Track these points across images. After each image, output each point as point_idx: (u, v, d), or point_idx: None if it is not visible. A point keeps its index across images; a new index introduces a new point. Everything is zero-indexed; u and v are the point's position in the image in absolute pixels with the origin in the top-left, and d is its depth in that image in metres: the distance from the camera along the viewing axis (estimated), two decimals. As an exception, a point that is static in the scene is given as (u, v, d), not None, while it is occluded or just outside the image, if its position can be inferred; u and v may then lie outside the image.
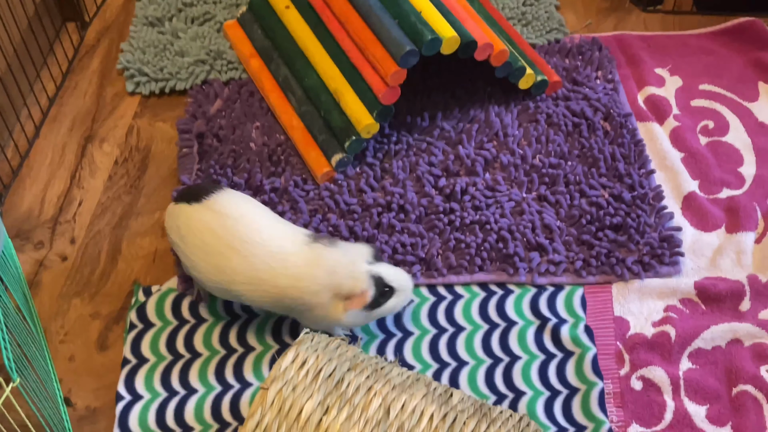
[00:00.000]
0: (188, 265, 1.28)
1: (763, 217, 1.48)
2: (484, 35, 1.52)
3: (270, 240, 1.24)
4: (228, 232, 1.23)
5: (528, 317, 1.37)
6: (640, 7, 1.91)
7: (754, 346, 1.31)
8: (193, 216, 1.26)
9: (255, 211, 1.28)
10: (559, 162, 1.56)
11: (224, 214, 1.25)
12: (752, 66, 1.74)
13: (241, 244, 1.23)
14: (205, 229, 1.25)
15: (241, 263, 1.23)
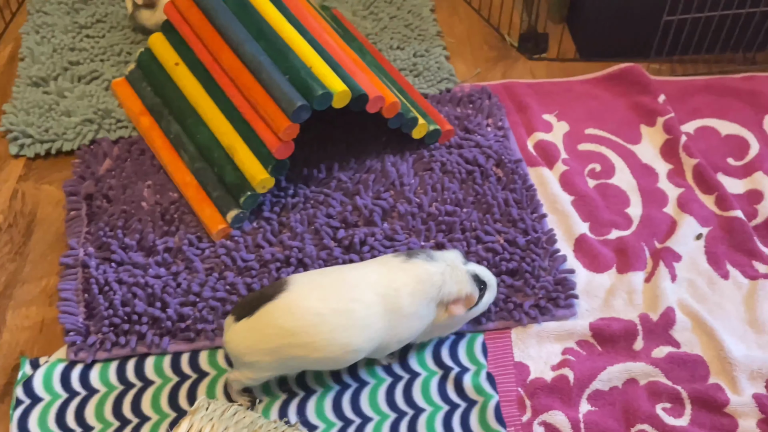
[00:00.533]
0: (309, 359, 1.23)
1: (651, 256, 1.53)
2: (374, 88, 1.53)
3: (362, 289, 1.24)
4: (319, 318, 1.21)
5: (431, 367, 1.37)
6: (526, 55, 1.97)
7: (649, 385, 1.34)
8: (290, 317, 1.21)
9: (333, 279, 1.26)
10: (454, 209, 1.58)
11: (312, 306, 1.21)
12: (633, 109, 1.81)
13: (343, 317, 1.21)
14: (307, 326, 1.21)
15: (357, 330, 1.22)
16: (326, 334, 1.21)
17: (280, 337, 1.21)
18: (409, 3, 2.02)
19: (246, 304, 1.24)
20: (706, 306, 1.45)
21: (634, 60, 1.92)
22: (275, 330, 1.21)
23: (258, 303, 1.22)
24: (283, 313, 1.21)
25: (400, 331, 1.27)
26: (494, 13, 2.05)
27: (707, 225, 1.57)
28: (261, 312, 1.21)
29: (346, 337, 1.22)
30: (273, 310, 1.21)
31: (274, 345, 1.21)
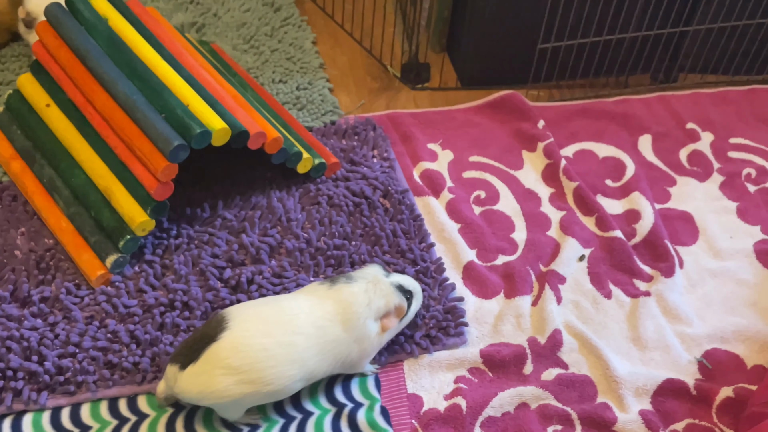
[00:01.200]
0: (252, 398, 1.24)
1: (537, 279, 1.56)
2: (256, 124, 1.51)
3: (301, 320, 1.25)
4: (265, 353, 1.21)
5: (324, 406, 1.34)
6: (409, 85, 1.99)
7: (540, 408, 1.35)
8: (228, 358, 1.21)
9: (263, 318, 1.25)
10: (343, 243, 1.57)
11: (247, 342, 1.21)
12: (515, 136, 1.85)
13: (287, 350, 1.23)
14: (251, 362, 1.21)
15: (300, 362, 1.24)
16: (275, 368, 1.22)
17: (230, 376, 1.20)
18: (291, 36, 2.02)
19: (187, 350, 1.22)
20: (591, 326, 1.49)
21: (513, 87, 1.97)
22: (225, 370, 1.20)
23: (201, 346, 1.21)
24: (230, 352, 1.20)
25: (346, 354, 1.30)
26: (376, 44, 2.06)
27: (589, 246, 1.62)
28: (206, 355, 1.21)
29: (292, 369, 1.23)
30: (218, 350, 1.20)
31: (224, 385, 1.20)
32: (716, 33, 1.93)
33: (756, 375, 1.41)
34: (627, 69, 2.00)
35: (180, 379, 1.22)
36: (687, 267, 1.59)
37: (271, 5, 2.09)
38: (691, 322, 1.49)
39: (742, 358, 1.44)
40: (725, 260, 1.61)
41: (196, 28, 2.01)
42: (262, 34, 2.01)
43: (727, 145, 1.83)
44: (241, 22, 2.03)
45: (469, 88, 2.00)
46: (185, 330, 1.41)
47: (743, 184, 1.75)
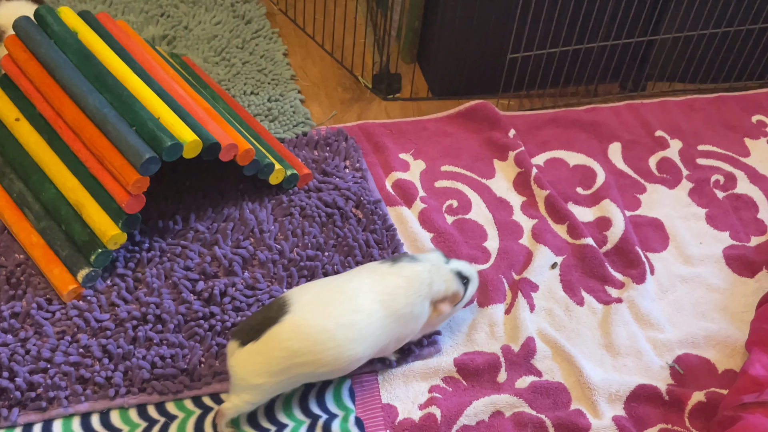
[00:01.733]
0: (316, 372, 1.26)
1: (510, 287, 1.57)
2: (227, 136, 1.51)
3: (361, 299, 1.27)
4: (326, 335, 1.24)
5: (298, 417, 1.34)
6: (380, 96, 2.00)
7: (515, 416, 1.36)
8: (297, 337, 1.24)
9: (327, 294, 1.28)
10: (316, 254, 1.57)
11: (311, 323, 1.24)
12: (486, 145, 1.87)
13: (347, 330, 1.25)
14: (313, 342, 1.23)
15: (359, 340, 1.26)
16: (334, 350, 1.24)
17: (288, 359, 1.23)
18: (262, 48, 2.02)
19: (250, 329, 1.25)
20: (564, 333, 1.50)
21: (484, 97, 1.98)
22: (284, 352, 1.23)
23: (263, 326, 1.24)
24: (291, 334, 1.23)
25: (400, 331, 1.32)
26: (347, 55, 2.07)
27: (561, 254, 1.63)
28: (268, 335, 1.23)
29: (352, 348, 1.26)
30: (280, 332, 1.23)
31: (282, 366, 1.23)
32: (682, 42, 1.96)
33: (727, 379, 1.42)
34: (596, 78, 2.02)
35: (238, 354, 1.25)
36: (658, 273, 1.61)
37: (242, 18, 2.09)
38: (663, 328, 1.51)
39: (713, 363, 1.46)
40: (695, 266, 1.63)
41: (167, 41, 2.00)
42: (234, 46, 2.01)
43: (695, 152, 1.86)
44: (212, 34, 2.03)
45: (441, 98, 2.01)
46: (158, 344, 1.40)
47: (712, 190, 1.77)
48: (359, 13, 2.17)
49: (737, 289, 1.58)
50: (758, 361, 1.31)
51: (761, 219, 1.72)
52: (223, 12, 2.10)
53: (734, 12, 1.92)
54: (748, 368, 1.31)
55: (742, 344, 1.46)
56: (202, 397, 1.36)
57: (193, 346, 1.41)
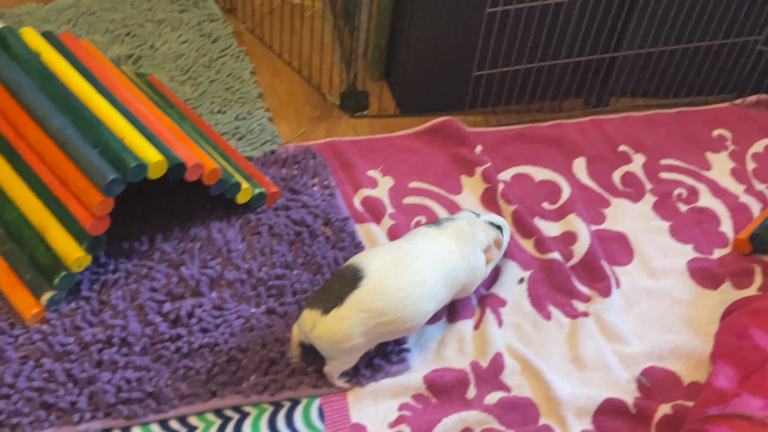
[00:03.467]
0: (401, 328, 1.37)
1: (479, 303, 1.57)
2: (193, 156, 1.51)
3: (425, 258, 1.40)
4: (404, 293, 1.35)
5: (267, 438, 1.33)
6: (348, 113, 2.00)
7: (483, 432, 1.37)
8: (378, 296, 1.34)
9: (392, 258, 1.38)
10: (284, 272, 1.56)
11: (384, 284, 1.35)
12: (453, 161, 1.88)
13: (420, 288, 1.37)
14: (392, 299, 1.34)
15: (431, 296, 1.39)
16: (411, 307, 1.36)
17: (373, 318, 1.33)
18: (229, 66, 2.02)
19: (328, 297, 1.34)
20: (532, 348, 1.51)
21: (451, 113, 1.99)
22: (369, 313, 1.33)
23: (343, 293, 1.33)
24: (373, 296, 1.33)
25: (465, 280, 1.46)
26: (314, 73, 2.07)
27: (528, 269, 1.64)
28: (351, 300, 1.32)
29: (426, 304, 1.38)
30: (363, 295, 1.33)
31: (368, 326, 1.34)
32: (644, 58, 1.98)
33: (693, 391, 1.44)
34: (560, 94, 2.04)
35: (322, 322, 1.33)
36: (623, 287, 1.62)
37: (209, 36, 2.09)
38: (629, 341, 1.52)
39: (678, 375, 1.47)
40: (660, 279, 1.64)
41: (132, 60, 1.99)
42: (200, 65, 2.01)
43: (658, 167, 1.88)
44: (178, 53, 2.02)
45: (408, 115, 2.02)
46: (123, 367, 1.39)
47: (675, 204, 1.80)
48: (326, 31, 2.18)
49: (701, 301, 1.60)
50: (722, 374, 1.32)
51: (723, 232, 1.74)
52: (189, 31, 2.10)
53: (694, 28, 1.95)
54: (712, 381, 1.32)
55: (707, 356, 1.47)
56: (169, 420, 1.35)
57: (160, 368, 1.40)
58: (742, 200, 1.81)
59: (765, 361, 1.29)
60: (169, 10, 2.14)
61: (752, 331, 1.35)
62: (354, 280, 1.34)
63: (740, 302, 1.45)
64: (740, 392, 1.26)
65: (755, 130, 2.00)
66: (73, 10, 2.12)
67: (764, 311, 1.37)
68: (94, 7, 2.12)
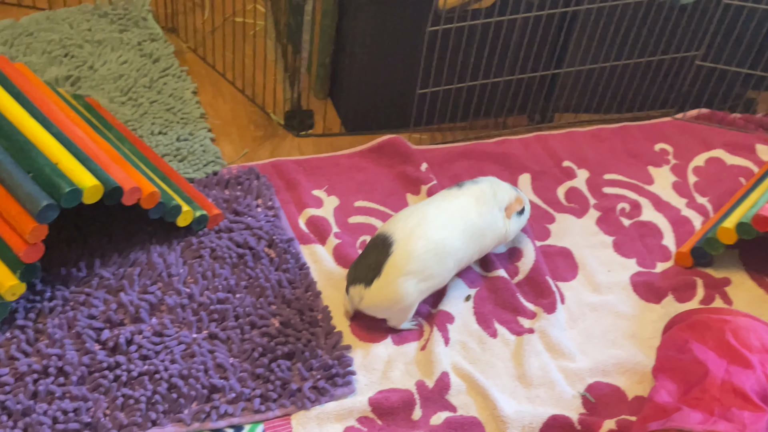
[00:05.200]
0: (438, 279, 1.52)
1: (426, 321, 1.57)
2: (130, 179, 1.48)
3: (446, 217, 1.52)
4: (432, 251, 1.48)
5: (209, 467, 1.31)
6: (293, 132, 1.99)
7: (429, 453, 1.35)
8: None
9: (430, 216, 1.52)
10: (227, 296, 1.54)
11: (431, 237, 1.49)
12: (399, 179, 1.87)
13: (444, 245, 1.50)
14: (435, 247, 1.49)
15: (455, 253, 1.52)
16: (440, 264, 1.49)
17: (410, 278, 1.46)
18: (170, 86, 1.99)
19: (366, 270, 1.48)
20: (478, 366, 1.50)
21: (397, 131, 1.99)
22: (405, 276, 1.46)
23: (378, 264, 1.47)
24: (405, 260, 1.46)
25: (481, 242, 1.57)
26: (258, 92, 2.05)
27: (474, 286, 1.64)
28: (387, 268, 1.46)
29: (450, 261, 1.51)
30: (396, 261, 1.46)
31: (407, 286, 1.46)
32: (586, 74, 2.01)
33: (637, 405, 1.45)
34: (505, 111, 2.05)
35: (367, 294, 1.48)
36: (568, 302, 1.63)
37: (150, 56, 2.06)
38: (574, 357, 1.52)
39: (623, 390, 1.48)
40: (604, 294, 1.65)
41: (70, 81, 1.96)
42: (141, 85, 1.98)
43: (601, 181, 1.90)
44: (118, 74, 1.99)
45: (354, 134, 2.01)
46: (60, 397, 1.35)
47: (618, 218, 1.81)
48: (270, 49, 2.16)
49: (645, 315, 1.61)
50: (663, 388, 1.33)
51: (666, 245, 1.76)
52: (129, 51, 2.07)
53: (633, 44, 1.98)
54: (653, 395, 1.33)
55: (650, 370, 1.48)
56: (108, 451, 1.32)
57: (98, 398, 1.36)
58: (683, 214, 1.84)
59: (705, 375, 1.30)
60: (108, 30, 2.11)
61: (692, 344, 1.36)
62: (385, 248, 1.47)
63: (681, 316, 1.46)
64: (681, 406, 1.27)
65: (696, 144, 2.03)
66: (9, 31, 2.07)
67: (704, 325, 1.38)
68: (31, 28, 2.08)
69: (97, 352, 1.42)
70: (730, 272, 1.70)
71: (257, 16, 2.27)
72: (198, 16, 2.26)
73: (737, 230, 1.62)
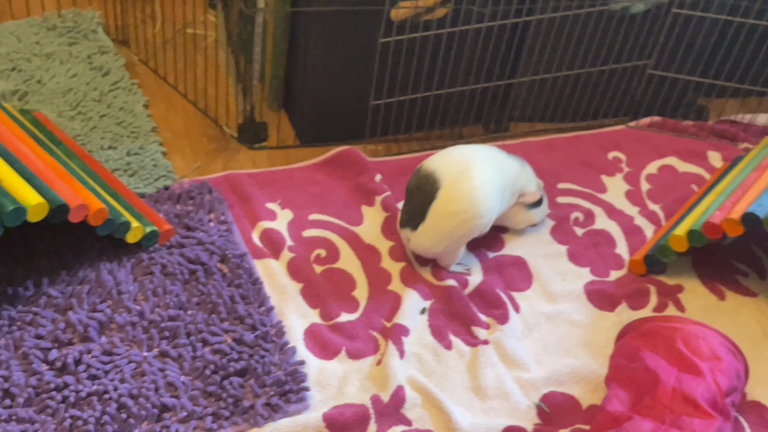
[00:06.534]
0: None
1: (381, 335, 1.56)
2: (77, 196, 1.45)
3: (485, 163, 1.61)
4: (473, 192, 1.57)
5: (160, 488, 1.28)
6: (246, 145, 1.97)
7: (383, 469, 1.34)
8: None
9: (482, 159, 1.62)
10: (178, 313, 1.52)
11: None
12: (354, 191, 1.86)
13: (486, 186, 1.58)
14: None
15: (494, 197, 1.60)
16: (483, 203, 1.57)
17: (452, 220, 1.56)
18: (121, 100, 1.96)
19: (414, 214, 1.60)
20: (433, 379, 1.49)
21: (351, 143, 1.98)
22: (448, 218, 1.56)
23: (424, 207, 1.57)
24: (449, 201, 1.56)
25: (512, 202, 1.70)
26: (211, 104, 2.03)
27: (428, 298, 1.63)
28: (432, 212, 1.57)
29: (493, 200, 1.59)
30: (440, 205, 1.56)
31: (451, 228, 1.57)
32: (539, 84, 2.02)
33: (591, 415, 1.45)
34: (460, 120, 2.06)
35: (414, 238, 1.60)
36: (523, 312, 1.63)
37: (100, 69, 2.03)
38: (529, 367, 1.52)
39: (577, 399, 1.48)
40: (558, 303, 1.66)
41: (18, 96, 1.92)
42: (90, 99, 1.94)
43: (555, 191, 1.90)
44: (67, 88, 1.96)
45: (308, 146, 2.00)
46: (6, 420, 1.32)
47: (572, 227, 1.82)
48: (223, 61, 2.15)
49: (599, 324, 1.62)
50: (615, 397, 1.33)
51: (619, 253, 1.77)
52: (79, 64, 2.03)
53: (585, 54, 1.99)
54: (606, 405, 1.33)
55: (604, 379, 1.49)
56: (55, 474, 1.29)
57: (45, 420, 1.33)
58: (636, 222, 1.85)
59: (656, 383, 1.31)
60: (58, 44, 2.08)
61: (644, 353, 1.37)
62: (432, 191, 1.56)
63: (633, 324, 1.47)
64: (632, 415, 1.28)
65: (648, 152, 2.04)
66: (-46, 45, 2.04)
67: (655, 333, 1.39)
68: (-23, 42, 2.05)
69: (45, 372, 1.39)
70: (683, 279, 1.72)
71: (210, 27, 2.25)
72: (149, 28, 2.23)
73: (688, 238, 1.63)
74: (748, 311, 1.66)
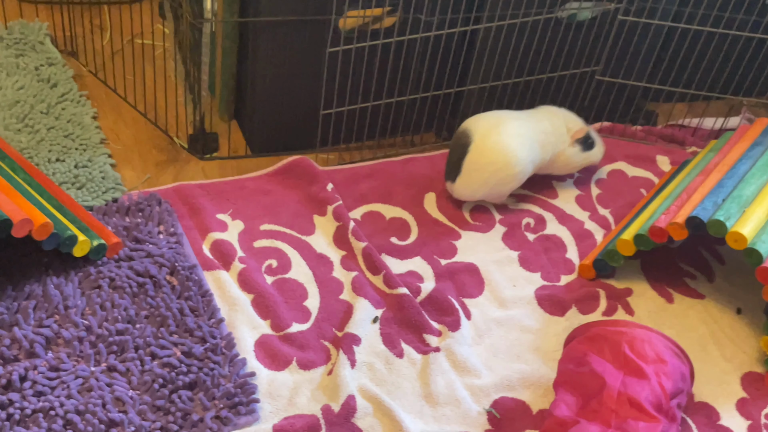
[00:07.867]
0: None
1: (332, 345, 1.55)
2: (20, 211, 1.43)
3: (523, 122, 1.81)
4: (503, 144, 1.76)
5: (107, 506, 1.26)
6: (197, 156, 1.96)
7: (333, 479, 1.34)
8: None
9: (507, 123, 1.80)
10: (126, 327, 1.50)
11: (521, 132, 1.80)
12: (305, 201, 1.86)
13: (518, 140, 1.77)
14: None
15: (528, 147, 1.79)
16: (511, 155, 1.75)
17: (484, 171, 1.76)
18: (69, 112, 1.94)
19: (453, 167, 1.79)
20: (385, 388, 1.49)
21: (304, 152, 1.98)
22: (481, 170, 1.76)
23: (460, 160, 1.77)
24: (480, 155, 1.75)
25: (554, 151, 1.85)
26: (161, 115, 2.02)
27: (380, 306, 1.63)
28: (465, 165, 1.76)
29: (526, 151, 1.77)
30: (472, 158, 1.76)
31: (485, 178, 1.76)
32: (489, 91, 2.03)
33: (541, 419, 1.46)
34: (412, 128, 2.06)
35: (454, 189, 1.81)
36: (474, 318, 1.64)
37: (47, 81, 2.00)
38: (480, 373, 1.53)
39: (528, 404, 1.49)
40: (509, 308, 1.67)
41: (-38, 108, 1.89)
42: (37, 111, 1.92)
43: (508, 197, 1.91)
44: (13, 100, 1.93)
45: (260, 155, 1.99)
46: (-52, 441, 1.30)
47: (523, 233, 1.83)
48: (172, 71, 2.13)
49: (549, 328, 1.64)
50: (563, 401, 1.34)
51: (569, 258, 1.79)
52: (26, 76, 2.01)
53: (534, 61, 2.01)
54: (553, 409, 1.34)
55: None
56: (-2, 495, 1.27)
57: (-12, 439, 1.31)
58: (586, 226, 1.87)
59: (602, 387, 1.32)
60: (4, 55, 2.05)
61: (590, 357, 1.38)
62: (465, 146, 1.75)
63: (580, 329, 1.48)
64: (579, 419, 1.29)
65: (598, 157, 2.07)
66: None
67: (602, 337, 1.41)
68: None
69: (-12, 391, 1.37)
70: (632, 283, 1.74)
71: (159, 38, 2.23)
72: (98, 38, 2.21)
73: (635, 242, 1.66)
74: (696, 313, 1.69)
